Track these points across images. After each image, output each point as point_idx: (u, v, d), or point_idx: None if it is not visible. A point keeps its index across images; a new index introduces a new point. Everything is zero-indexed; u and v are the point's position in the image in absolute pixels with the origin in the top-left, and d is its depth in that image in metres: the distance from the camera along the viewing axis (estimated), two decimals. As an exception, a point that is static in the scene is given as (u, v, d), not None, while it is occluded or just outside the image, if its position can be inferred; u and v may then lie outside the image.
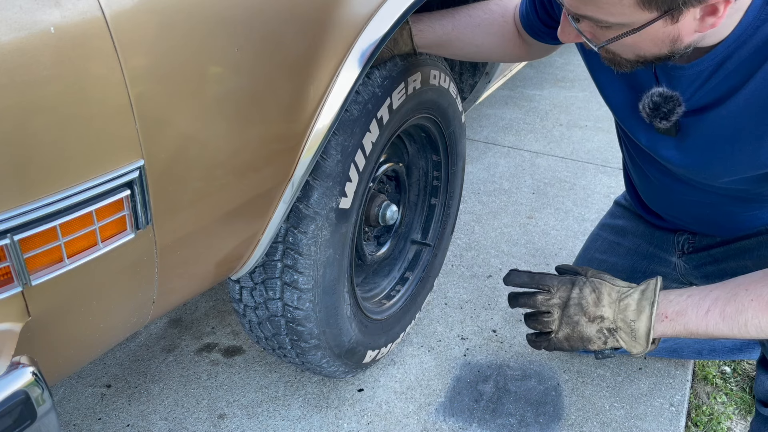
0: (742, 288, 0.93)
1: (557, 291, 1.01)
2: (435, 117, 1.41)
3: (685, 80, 0.95)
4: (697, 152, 1.02)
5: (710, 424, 1.47)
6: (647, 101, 0.99)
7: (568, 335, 1.01)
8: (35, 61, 0.59)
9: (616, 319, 0.97)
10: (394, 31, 1.01)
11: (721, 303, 0.93)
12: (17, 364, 0.64)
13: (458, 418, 1.44)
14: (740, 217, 1.20)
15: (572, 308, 0.99)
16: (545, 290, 1.03)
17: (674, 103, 0.96)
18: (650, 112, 1.00)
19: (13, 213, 0.62)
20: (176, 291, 0.95)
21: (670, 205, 1.30)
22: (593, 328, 0.98)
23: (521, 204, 2.32)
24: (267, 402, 1.47)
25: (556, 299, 1.01)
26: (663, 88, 0.97)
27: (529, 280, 1.05)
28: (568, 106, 3.22)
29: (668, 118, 0.98)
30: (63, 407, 1.45)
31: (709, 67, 0.92)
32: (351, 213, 1.15)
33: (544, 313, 1.03)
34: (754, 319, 0.90)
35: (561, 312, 1.01)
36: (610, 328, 0.97)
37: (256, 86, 0.84)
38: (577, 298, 0.99)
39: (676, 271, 1.39)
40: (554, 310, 1.01)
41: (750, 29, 0.86)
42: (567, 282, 1.02)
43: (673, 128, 1.01)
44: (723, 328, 0.92)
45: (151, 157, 0.73)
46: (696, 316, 0.94)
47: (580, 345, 1.01)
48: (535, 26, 1.22)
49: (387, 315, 1.46)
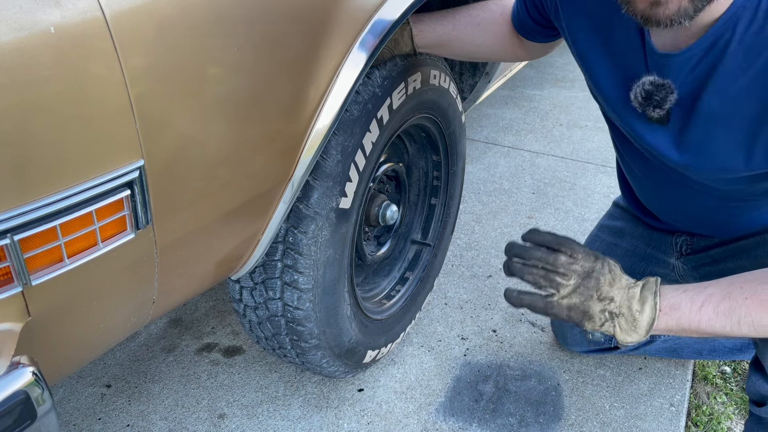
0: (736, 286, 0.92)
1: (582, 259, 0.97)
2: (435, 117, 1.41)
3: (676, 67, 0.94)
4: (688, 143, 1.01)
5: (710, 424, 1.47)
6: (639, 90, 0.98)
7: (574, 305, 0.96)
8: (35, 61, 0.59)
9: (622, 304, 0.95)
10: (395, 31, 1.02)
11: (715, 299, 0.92)
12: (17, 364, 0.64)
13: (458, 418, 1.44)
14: (737, 219, 1.19)
15: (591, 281, 0.95)
16: (568, 254, 0.98)
17: (666, 90, 0.95)
18: (642, 101, 0.98)
19: (13, 213, 0.62)
20: (176, 291, 0.95)
21: (666, 207, 1.30)
22: (599, 306, 0.95)
23: (521, 204, 2.32)
24: (267, 402, 1.47)
25: (579, 266, 0.96)
26: (654, 76, 0.96)
27: (552, 239, 0.99)
28: (568, 106, 3.22)
29: (661, 106, 0.97)
30: (63, 407, 1.45)
31: (698, 53, 0.91)
32: (351, 213, 1.15)
33: (561, 274, 0.97)
34: (747, 317, 0.90)
35: (580, 280, 0.96)
36: (613, 311, 0.95)
37: (256, 86, 0.84)
38: (598, 273, 0.96)
39: (674, 273, 1.39)
40: (573, 276, 0.96)
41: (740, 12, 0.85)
42: (591, 255, 0.97)
43: (664, 117, 1.00)
44: (716, 324, 0.91)
45: (151, 157, 0.73)
46: (689, 311, 0.92)
47: (579, 318, 0.97)
48: (527, 25, 1.22)
49: (387, 315, 1.46)
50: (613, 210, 1.54)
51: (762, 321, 0.89)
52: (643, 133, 1.06)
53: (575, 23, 1.09)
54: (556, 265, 0.97)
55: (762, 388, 1.01)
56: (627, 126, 1.10)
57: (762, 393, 1.01)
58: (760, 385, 1.01)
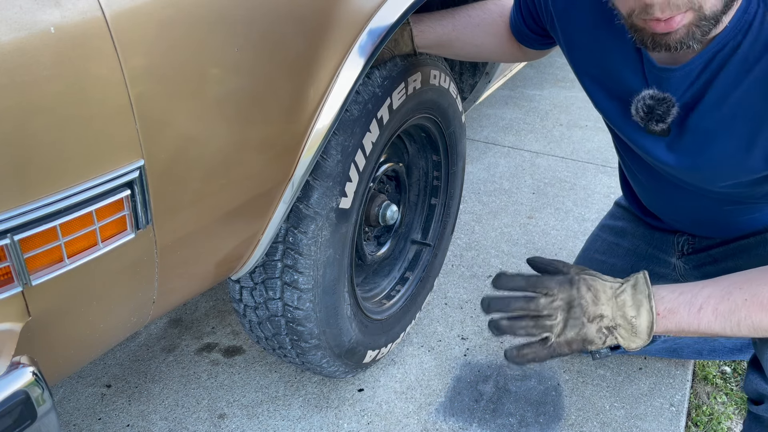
0: (735, 286, 0.91)
1: (558, 292, 0.95)
2: (435, 117, 1.41)
3: (675, 81, 0.95)
4: (688, 152, 1.01)
5: (710, 424, 1.47)
6: (640, 105, 0.97)
7: (572, 339, 0.95)
8: (35, 61, 0.59)
9: (615, 316, 0.94)
10: (395, 31, 1.02)
11: (713, 301, 0.91)
12: (17, 364, 0.64)
13: (458, 418, 1.44)
14: (738, 220, 1.19)
15: (576, 309, 0.94)
16: (545, 293, 0.96)
17: (668, 104, 0.95)
18: (644, 116, 0.98)
19: (13, 213, 0.62)
20: (176, 291, 0.95)
21: (668, 208, 1.30)
22: (593, 328, 0.93)
23: (521, 204, 2.32)
24: (267, 402, 1.47)
25: (559, 301, 0.94)
26: (654, 90, 0.96)
27: (525, 283, 0.97)
28: (568, 106, 3.22)
29: (664, 120, 0.97)
30: (63, 407, 1.45)
31: (697, 67, 0.92)
32: (351, 213, 1.15)
33: (547, 316, 0.96)
34: (748, 319, 0.89)
35: (566, 314, 0.94)
36: (609, 326, 0.94)
37: (256, 86, 0.84)
38: (579, 299, 0.94)
39: (675, 272, 1.39)
40: (558, 313, 0.94)
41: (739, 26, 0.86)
42: (565, 282, 0.95)
43: (666, 129, 1.00)
44: (715, 326, 0.91)
45: (151, 157, 0.73)
46: (688, 314, 0.92)
47: (581, 347, 0.95)
48: (523, 32, 1.23)
49: (387, 315, 1.46)
50: (615, 210, 1.54)
51: (762, 323, 0.89)
52: (644, 143, 1.06)
53: (571, 36, 1.09)
54: (539, 310, 0.95)
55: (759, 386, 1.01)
56: (627, 137, 1.10)
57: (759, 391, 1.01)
58: (757, 383, 1.01)
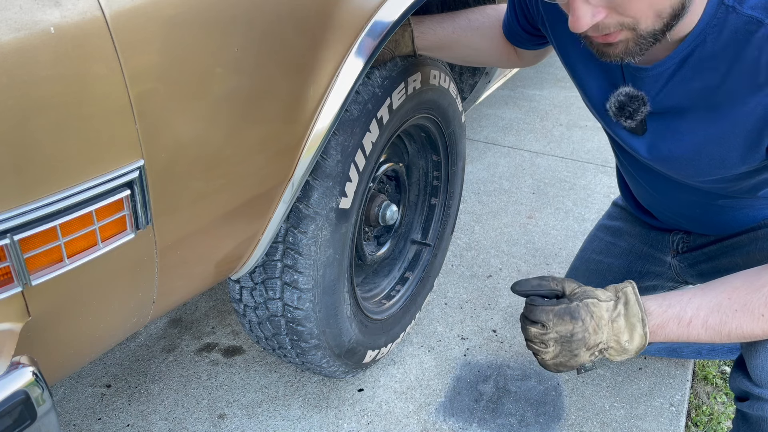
0: (724, 296, 0.92)
1: (555, 326, 0.97)
2: (435, 117, 1.41)
3: (649, 81, 0.97)
4: (664, 152, 1.03)
5: (710, 424, 1.47)
6: (614, 100, 1.01)
7: (561, 363, 0.99)
8: (35, 61, 0.59)
9: (609, 340, 0.97)
10: (395, 32, 1.02)
11: (703, 314, 0.93)
12: (17, 364, 0.64)
13: (458, 417, 1.44)
14: (730, 216, 1.20)
15: (575, 343, 0.96)
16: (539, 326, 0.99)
17: (639, 102, 0.98)
18: (616, 111, 1.02)
19: (13, 213, 0.62)
20: (176, 291, 0.95)
21: (661, 205, 1.32)
22: (587, 354, 0.98)
23: (521, 204, 2.32)
24: (267, 402, 1.47)
25: (553, 334, 0.97)
26: (629, 87, 0.99)
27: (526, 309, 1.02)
28: (568, 106, 3.22)
29: (633, 117, 1.00)
30: (63, 407, 1.45)
31: (670, 67, 0.93)
32: (351, 213, 1.15)
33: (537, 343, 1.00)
34: (738, 330, 0.91)
35: (560, 347, 0.98)
36: (602, 349, 0.98)
37: (256, 86, 0.84)
38: (581, 332, 0.96)
39: (671, 270, 1.40)
40: (550, 343, 0.98)
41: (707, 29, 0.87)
42: (565, 314, 0.97)
43: (639, 127, 1.03)
44: (704, 338, 0.93)
45: (151, 157, 0.73)
46: (678, 328, 0.94)
47: (570, 368, 1.01)
48: (515, 33, 1.24)
49: (387, 315, 1.46)
50: (612, 210, 1.55)
51: (754, 332, 0.92)
52: (624, 138, 1.09)
53: (560, 32, 1.11)
54: (529, 338, 1.01)
55: (743, 384, 1.04)
56: (610, 130, 1.14)
57: (743, 389, 1.04)
58: (740, 381, 1.04)
